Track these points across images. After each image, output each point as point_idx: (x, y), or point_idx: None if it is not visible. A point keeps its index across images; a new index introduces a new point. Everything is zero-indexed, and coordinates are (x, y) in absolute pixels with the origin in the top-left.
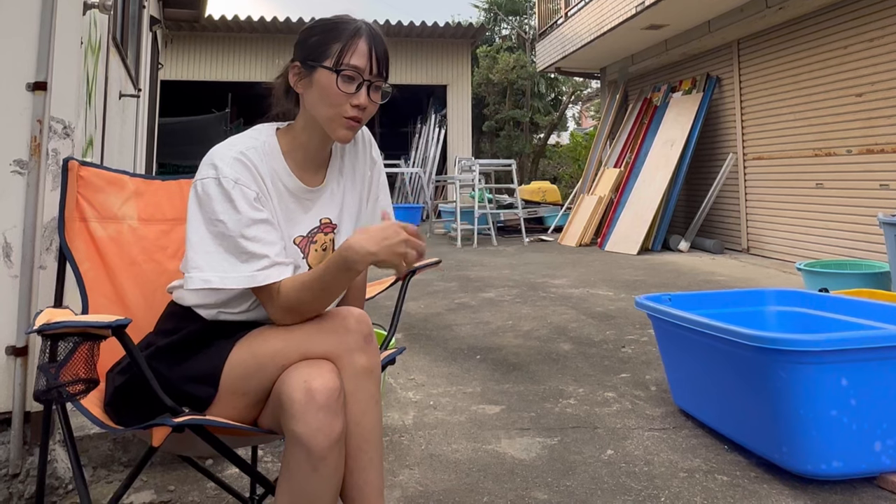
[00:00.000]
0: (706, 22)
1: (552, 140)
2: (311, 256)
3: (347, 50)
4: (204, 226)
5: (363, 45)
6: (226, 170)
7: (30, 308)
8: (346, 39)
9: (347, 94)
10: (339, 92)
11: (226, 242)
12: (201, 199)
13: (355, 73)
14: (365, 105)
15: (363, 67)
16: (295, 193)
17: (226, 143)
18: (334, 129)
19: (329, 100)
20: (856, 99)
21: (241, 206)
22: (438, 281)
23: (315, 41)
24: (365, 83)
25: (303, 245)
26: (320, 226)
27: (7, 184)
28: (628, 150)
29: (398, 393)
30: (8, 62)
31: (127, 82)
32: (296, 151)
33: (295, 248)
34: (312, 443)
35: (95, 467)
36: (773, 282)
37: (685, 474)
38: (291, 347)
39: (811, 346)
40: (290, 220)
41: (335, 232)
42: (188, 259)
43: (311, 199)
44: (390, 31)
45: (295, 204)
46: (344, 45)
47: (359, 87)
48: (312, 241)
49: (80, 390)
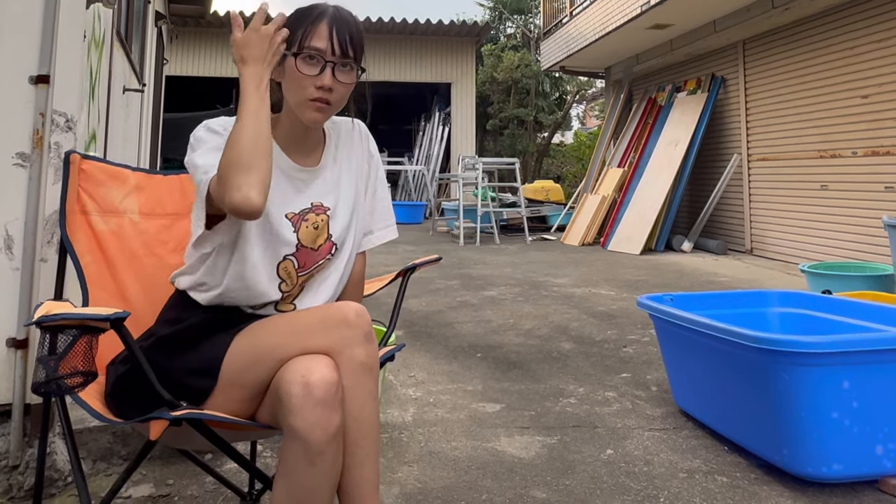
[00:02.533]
0: (712, 22)
1: (556, 139)
2: (302, 232)
3: (308, 33)
4: (201, 154)
5: (324, 28)
6: (213, 124)
7: (31, 300)
8: (308, 24)
9: (310, 76)
10: (300, 74)
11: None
12: (191, 147)
13: (316, 55)
14: (329, 86)
15: (324, 49)
16: (286, 171)
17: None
18: (303, 111)
19: (296, 84)
20: (861, 100)
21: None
22: (440, 279)
23: (286, 31)
24: (328, 64)
25: (294, 221)
26: (311, 207)
27: (9, 176)
28: (632, 150)
29: (398, 390)
30: (11, 55)
31: (131, 77)
32: (282, 137)
33: (287, 222)
34: (310, 437)
35: (95, 460)
36: (777, 283)
37: (685, 475)
38: (290, 341)
39: (813, 347)
40: (282, 197)
41: (328, 214)
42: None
43: (302, 180)
44: (395, 28)
45: (287, 182)
46: (305, 30)
47: (322, 69)
48: (304, 218)
49: (79, 383)
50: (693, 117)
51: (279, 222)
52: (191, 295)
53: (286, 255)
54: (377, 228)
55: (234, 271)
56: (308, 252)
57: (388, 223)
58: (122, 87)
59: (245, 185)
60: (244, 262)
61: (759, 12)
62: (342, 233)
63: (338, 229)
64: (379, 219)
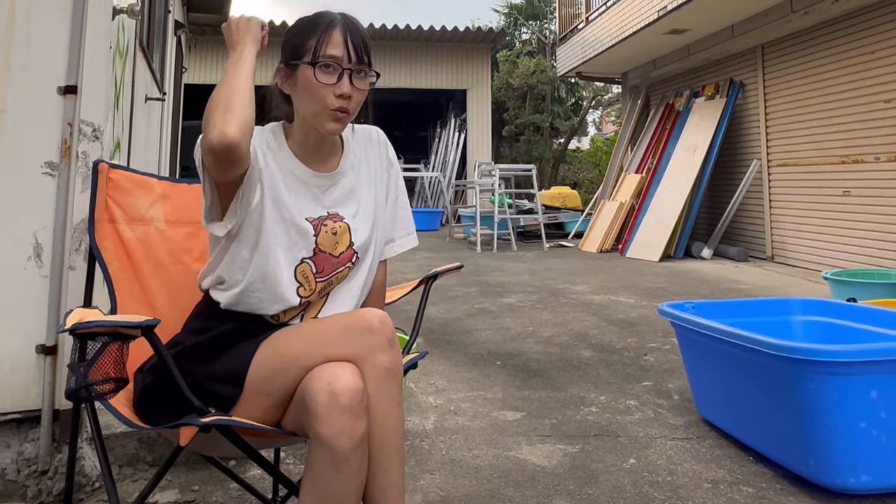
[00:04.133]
0: (730, 26)
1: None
2: (322, 236)
3: (323, 42)
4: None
5: (338, 35)
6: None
7: (59, 307)
8: (321, 32)
9: (329, 85)
10: (319, 84)
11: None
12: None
13: (333, 63)
14: (349, 93)
15: (340, 56)
16: (301, 178)
17: None
18: (322, 122)
19: (312, 94)
20: (884, 105)
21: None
22: (458, 286)
23: (294, 40)
24: (345, 72)
25: (315, 224)
26: (329, 215)
27: (38, 185)
28: (650, 156)
29: (418, 397)
30: (40, 66)
31: (152, 86)
32: (296, 147)
33: (307, 225)
34: (336, 444)
35: (121, 466)
36: (799, 291)
37: (709, 485)
38: (315, 349)
39: (840, 356)
40: (300, 202)
41: (347, 223)
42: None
43: (319, 186)
44: (411, 35)
45: (302, 189)
46: (319, 39)
47: (340, 76)
48: (323, 224)
49: (110, 389)
50: (711, 123)
51: (300, 222)
52: (212, 295)
53: (304, 259)
54: (398, 236)
55: (255, 268)
56: (327, 257)
57: (408, 231)
58: (144, 96)
59: (221, 122)
60: (266, 259)
61: (778, 17)
62: (364, 242)
63: (360, 238)
64: (400, 227)
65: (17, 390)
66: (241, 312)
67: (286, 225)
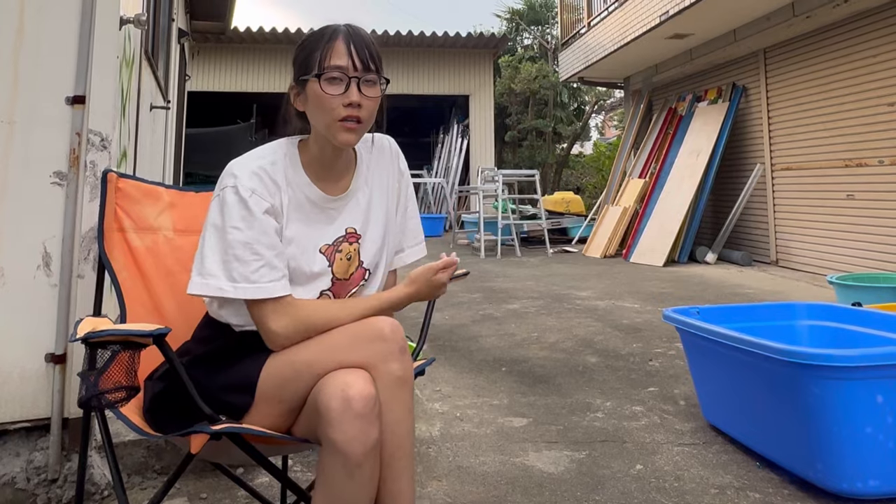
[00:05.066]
0: (732, 31)
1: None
2: (337, 265)
3: (326, 54)
4: (221, 233)
5: (341, 45)
6: (244, 179)
7: (68, 316)
8: (324, 45)
9: (337, 96)
10: (327, 95)
11: (240, 249)
12: (220, 207)
13: (339, 73)
14: (358, 102)
15: (345, 66)
16: (318, 203)
17: (246, 156)
18: (334, 134)
19: (322, 106)
20: (887, 108)
21: (257, 215)
22: (463, 292)
23: (301, 57)
24: (352, 80)
25: (328, 253)
26: (346, 235)
27: (47, 195)
28: (653, 161)
29: (425, 404)
30: (48, 77)
31: (157, 94)
32: (313, 163)
33: (321, 257)
34: (349, 450)
35: (130, 474)
36: (804, 295)
37: (716, 491)
38: (327, 356)
39: (845, 361)
40: (316, 230)
41: (359, 242)
42: (203, 266)
43: (335, 209)
44: (413, 41)
45: (319, 214)
46: (323, 51)
47: (347, 86)
48: (338, 250)
49: (122, 398)
50: (714, 127)
51: (313, 259)
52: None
53: (322, 291)
54: (408, 246)
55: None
56: (342, 283)
57: (417, 241)
58: (149, 104)
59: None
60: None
61: (780, 20)
62: (374, 257)
63: (369, 254)
64: (410, 237)
65: (27, 399)
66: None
67: (302, 267)
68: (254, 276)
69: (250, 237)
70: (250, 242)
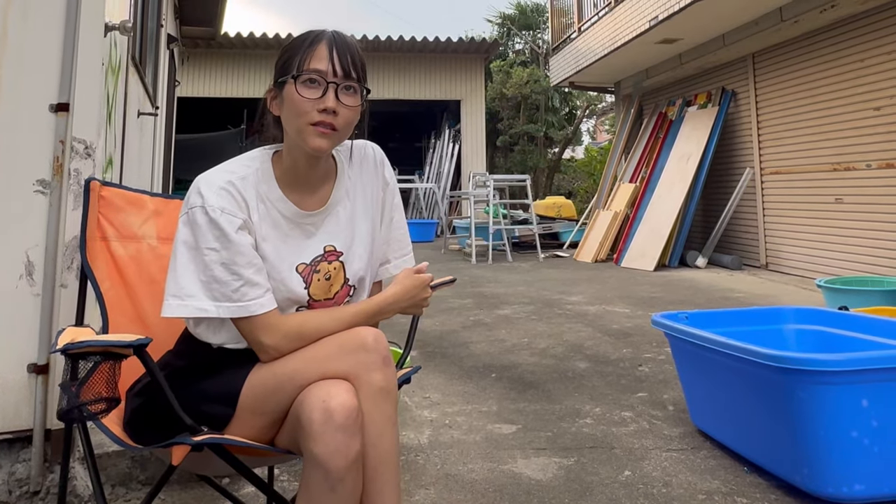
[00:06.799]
0: (721, 36)
1: (567, 154)
2: (314, 286)
3: (307, 56)
4: (195, 253)
5: (323, 49)
6: (211, 198)
7: (51, 326)
8: (306, 48)
9: (312, 100)
10: (302, 98)
11: (219, 270)
12: (191, 228)
13: (317, 77)
14: (333, 108)
15: (325, 70)
16: (293, 219)
17: (216, 170)
18: (306, 138)
19: (296, 109)
20: (874, 112)
21: (230, 235)
22: (453, 298)
23: (283, 60)
24: (330, 85)
25: (305, 274)
26: (324, 254)
27: (30, 203)
28: (644, 165)
29: (413, 411)
30: (32, 84)
31: (145, 100)
32: (287, 175)
33: (297, 277)
34: (330, 463)
35: (114, 485)
36: (793, 299)
37: (704, 496)
38: (310, 367)
39: (831, 366)
40: (292, 247)
41: (342, 260)
42: (179, 286)
43: (312, 224)
44: (404, 46)
45: (295, 230)
46: (303, 54)
47: (325, 91)
48: (315, 269)
49: (102, 409)
50: (704, 131)
51: (289, 278)
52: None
53: (299, 310)
54: (394, 258)
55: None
56: (322, 304)
57: (404, 252)
58: (136, 111)
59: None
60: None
61: (768, 25)
62: (358, 271)
63: (354, 270)
64: (396, 248)
65: (9, 410)
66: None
67: (276, 282)
68: (235, 296)
69: (226, 258)
70: (227, 263)
